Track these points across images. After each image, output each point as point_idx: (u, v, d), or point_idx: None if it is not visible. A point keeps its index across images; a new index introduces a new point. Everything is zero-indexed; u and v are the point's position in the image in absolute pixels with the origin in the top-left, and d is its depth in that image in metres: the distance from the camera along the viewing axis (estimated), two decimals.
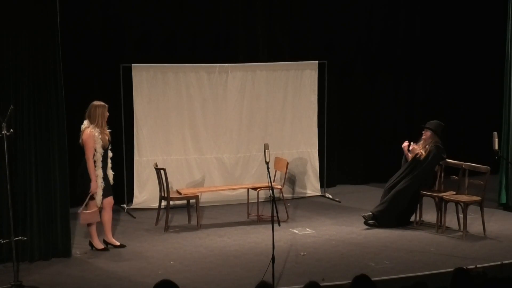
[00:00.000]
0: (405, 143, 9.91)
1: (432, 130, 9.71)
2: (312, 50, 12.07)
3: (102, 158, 8.58)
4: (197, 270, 8.10)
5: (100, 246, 8.80)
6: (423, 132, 9.82)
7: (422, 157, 9.67)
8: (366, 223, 9.71)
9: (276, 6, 11.88)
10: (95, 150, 8.49)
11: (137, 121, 10.80)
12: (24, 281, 7.61)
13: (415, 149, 9.76)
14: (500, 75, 11.10)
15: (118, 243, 8.93)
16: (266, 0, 11.78)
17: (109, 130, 8.80)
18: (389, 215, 9.68)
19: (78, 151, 10.83)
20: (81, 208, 8.56)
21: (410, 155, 9.81)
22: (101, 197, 8.60)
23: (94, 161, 8.51)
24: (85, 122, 8.59)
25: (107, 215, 8.84)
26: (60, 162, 8.34)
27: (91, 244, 8.81)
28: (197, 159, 11.11)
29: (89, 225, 8.72)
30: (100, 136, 8.52)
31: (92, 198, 8.55)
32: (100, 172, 8.54)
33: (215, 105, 11.13)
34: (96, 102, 8.67)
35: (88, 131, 8.49)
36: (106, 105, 8.70)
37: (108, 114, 8.69)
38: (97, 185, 8.52)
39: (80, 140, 8.57)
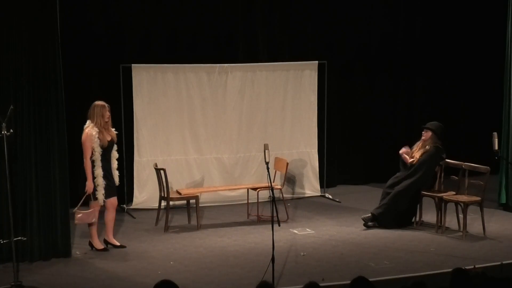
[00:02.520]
0: (403, 150, 9.87)
1: (432, 131, 9.69)
2: (312, 50, 12.07)
3: (104, 157, 8.53)
4: (197, 270, 8.10)
5: (100, 246, 8.79)
6: (423, 132, 9.80)
7: (417, 160, 9.64)
8: (365, 225, 9.70)
9: (276, 6, 11.88)
10: (93, 149, 8.47)
11: (137, 121, 10.80)
12: (24, 281, 7.61)
13: (413, 152, 9.76)
14: (500, 75, 11.10)
15: (118, 244, 8.92)
16: (266, 0, 11.79)
17: (116, 132, 8.78)
18: (390, 216, 9.67)
19: (78, 151, 10.84)
20: (76, 208, 8.49)
21: (408, 159, 9.78)
22: (103, 197, 8.55)
23: (93, 161, 8.48)
24: (87, 122, 8.59)
25: (110, 215, 8.79)
26: (60, 162, 8.34)
27: (91, 244, 8.80)
28: (197, 159, 11.11)
29: (89, 225, 8.71)
30: (98, 136, 8.49)
31: (92, 198, 8.52)
32: (100, 172, 8.50)
33: (215, 106, 11.13)
34: (96, 102, 8.67)
35: (86, 130, 8.50)
36: (106, 105, 8.67)
37: (109, 114, 8.66)
38: (92, 185, 8.46)
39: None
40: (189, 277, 7.84)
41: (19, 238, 7.88)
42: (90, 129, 8.50)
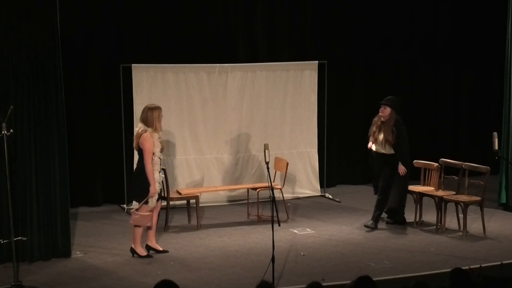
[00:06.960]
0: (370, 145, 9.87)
1: (391, 107, 9.63)
2: (312, 50, 12.06)
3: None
4: (197, 270, 8.10)
5: (144, 253, 8.54)
6: (381, 109, 9.69)
7: (393, 141, 9.59)
8: (369, 226, 9.69)
9: (276, 5, 11.87)
10: (153, 154, 8.27)
11: (137, 121, 10.72)
12: (24, 281, 7.62)
13: (374, 132, 9.73)
14: (500, 75, 11.11)
15: (161, 248, 8.68)
16: (266, 0, 11.80)
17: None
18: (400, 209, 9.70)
19: (77, 151, 10.84)
20: (135, 208, 8.42)
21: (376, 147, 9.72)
22: (155, 201, 8.39)
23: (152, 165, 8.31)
24: (140, 125, 8.39)
25: (155, 219, 8.60)
26: (60, 162, 8.33)
27: (133, 251, 8.55)
28: (197, 159, 11.11)
29: (135, 227, 8.48)
30: (159, 140, 8.34)
31: (146, 202, 8.35)
32: (157, 176, 8.34)
33: (215, 105, 11.13)
34: (151, 105, 8.50)
35: (148, 135, 8.26)
36: (160, 107, 8.51)
37: (162, 115, 8.50)
38: (156, 190, 8.31)
39: (135, 144, 8.42)
40: (189, 277, 7.84)
41: (19, 238, 7.88)
42: (150, 134, 8.28)
